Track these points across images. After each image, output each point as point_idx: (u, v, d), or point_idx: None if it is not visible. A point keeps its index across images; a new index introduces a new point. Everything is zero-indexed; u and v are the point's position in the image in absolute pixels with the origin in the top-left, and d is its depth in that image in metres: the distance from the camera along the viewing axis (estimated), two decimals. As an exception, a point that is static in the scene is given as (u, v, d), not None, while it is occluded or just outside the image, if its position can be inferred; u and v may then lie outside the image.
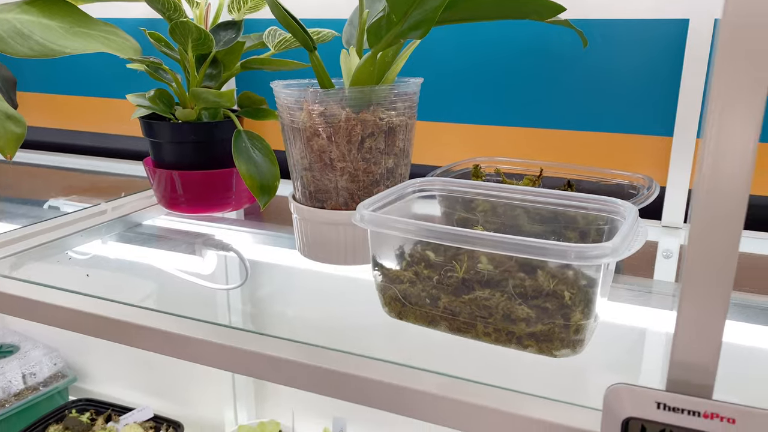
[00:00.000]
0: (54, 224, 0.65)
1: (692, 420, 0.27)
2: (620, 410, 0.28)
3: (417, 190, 0.50)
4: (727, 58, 0.24)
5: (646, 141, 0.65)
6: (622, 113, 0.66)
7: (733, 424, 0.26)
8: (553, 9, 0.48)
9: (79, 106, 0.99)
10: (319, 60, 0.51)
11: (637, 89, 0.64)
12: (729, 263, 0.27)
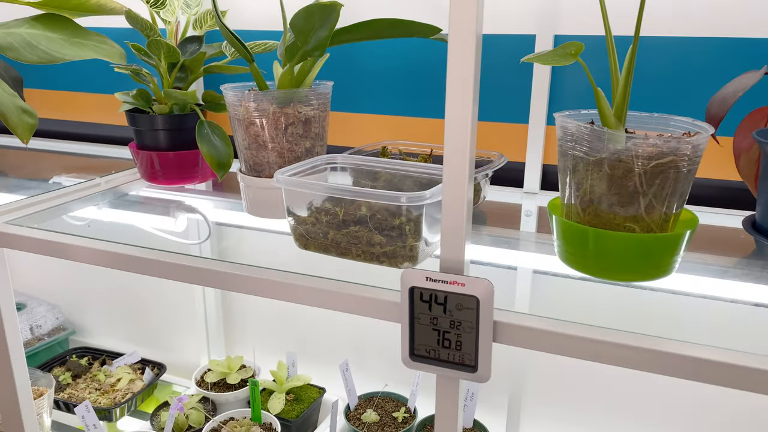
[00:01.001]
0: (60, 194, 0.84)
1: (443, 285, 0.48)
2: (407, 283, 0.49)
3: (325, 163, 0.70)
4: (453, 65, 0.45)
5: (511, 127, 0.86)
6: (492, 106, 0.86)
7: (463, 286, 0.47)
8: (432, 30, 0.68)
9: (76, 101, 1.18)
10: (255, 68, 0.71)
11: (501, 87, 0.85)
12: (461, 203, 0.47)
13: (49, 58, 0.84)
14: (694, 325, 0.56)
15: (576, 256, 0.57)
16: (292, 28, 0.62)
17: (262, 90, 0.71)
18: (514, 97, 0.84)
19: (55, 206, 0.81)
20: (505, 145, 0.86)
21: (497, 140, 0.87)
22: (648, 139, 0.52)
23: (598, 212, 0.55)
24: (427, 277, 0.48)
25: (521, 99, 0.84)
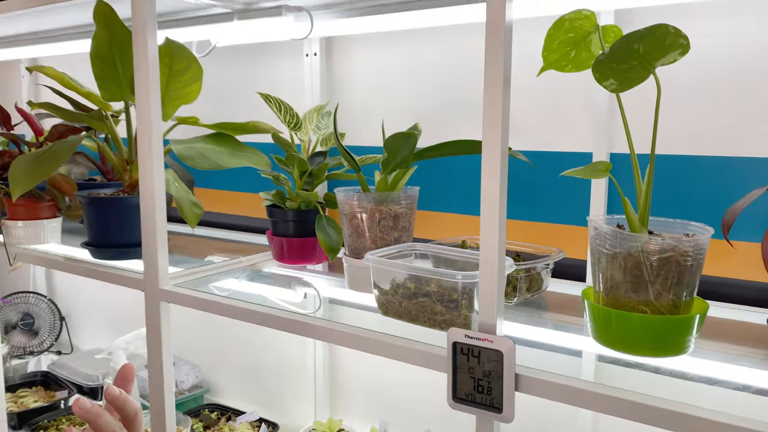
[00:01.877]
0: (211, 268, 1.10)
1: (478, 342, 0.62)
2: (451, 338, 0.64)
3: (409, 249, 0.88)
4: (485, 178, 0.62)
5: (576, 229, 0.99)
6: (559, 210, 1.00)
7: (492, 343, 0.61)
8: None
9: (231, 198, 1.49)
10: (361, 176, 0.93)
11: (567, 196, 0.99)
12: (494, 281, 0.62)
13: (216, 165, 1.12)
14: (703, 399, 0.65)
15: (602, 333, 0.69)
16: (384, 148, 0.83)
17: (364, 192, 0.92)
18: (578, 204, 0.99)
19: (208, 276, 1.06)
20: (570, 245, 0.99)
21: (563, 239, 1.00)
22: (652, 237, 0.64)
23: (617, 297, 0.67)
24: (465, 334, 0.63)
25: (584, 205, 0.98)
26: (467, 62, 1.10)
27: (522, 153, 0.92)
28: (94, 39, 0.99)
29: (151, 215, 0.94)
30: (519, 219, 1.06)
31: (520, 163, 1.01)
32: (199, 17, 1.12)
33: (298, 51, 1.25)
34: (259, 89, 1.22)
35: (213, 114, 1.25)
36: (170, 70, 1.02)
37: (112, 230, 1.09)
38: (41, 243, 1.26)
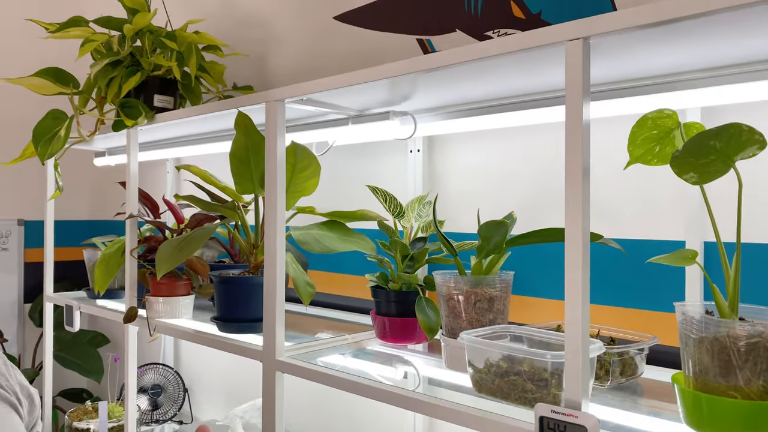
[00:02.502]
0: (320, 344, 1.20)
1: (563, 417, 0.66)
2: (538, 413, 0.68)
3: (503, 331, 0.93)
4: (569, 264, 0.68)
5: (666, 315, 1.00)
6: (657, 298, 1.02)
7: (576, 418, 0.65)
8: (596, 236, 0.92)
9: (338, 279, 1.61)
10: (458, 261, 1.01)
11: (662, 284, 1.01)
12: (578, 361, 0.67)
13: (328, 249, 1.24)
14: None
15: (693, 417, 0.70)
16: (478, 235, 0.91)
17: (461, 275, 0.99)
18: (674, 291, 1.00)
19: (317, 350, 1.16)
20: (669, 332, 1.00)
21: (662, 326, 1.01)
22: (739, 323, 0.67)
23: (707, 381, 0.69)
24: (552, 410, 0.67)
25: (680, 292, 0.99)
26: (555, 156, 1.17)
27: (615, 241, 0.96)
28: (234, 143, 1.18)
29: (272, 293, 1.06)
30: (614, 305, 1.08)
31: (613, 250, 1.04)
32: (318, 122, 1.29)
33: (402, 148, 1.39)
34: (367, 181, 1.35)
35: (327, 203, 1.40)
36: (294, 168, 1.18)
37: (238, 306, 1.24)
38: (176, 317, 1.43)
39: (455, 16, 1.30)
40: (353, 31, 1.51)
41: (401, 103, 1.13)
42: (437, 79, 0.95)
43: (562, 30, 0.69)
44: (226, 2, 1.85)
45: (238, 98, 1.16)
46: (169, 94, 1.54)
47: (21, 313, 2.50)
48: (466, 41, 1.29)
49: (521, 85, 0.98)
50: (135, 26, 1.44)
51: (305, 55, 1.64)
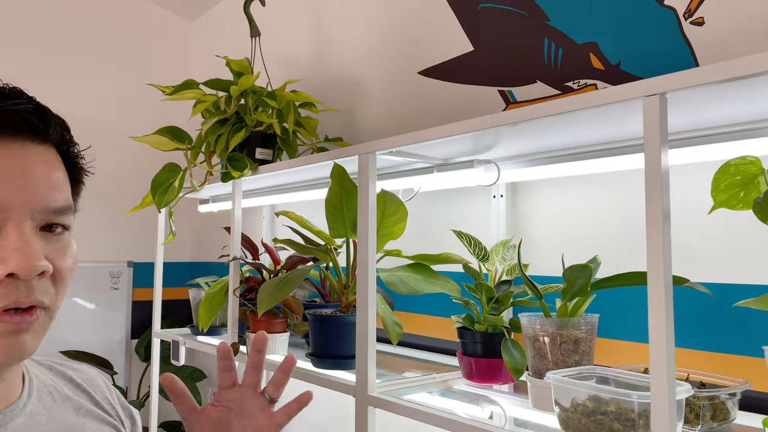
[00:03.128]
0: (409, 382, 1.25)
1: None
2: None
3: (589, 372, 0.95)
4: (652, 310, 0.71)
5: None
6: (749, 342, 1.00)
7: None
8: (681, 280, 0.94)
9: (424, 321, 1.66)
10: (543, 303, 1.04)
11: (756, 329, 1.00)
12: (664, 402, 0.69)
13: (414, 291, 1.30)
14: None
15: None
16: (563, 278, 0.95)
17: (546, 317, 1.03)
18: (765, 335, 0.98)
19: (405, 388, 1.22)
20: (762, 377, 0.98)
21: (756, 371, 0.99)
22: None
23: (801, 425, 0.69)
24: (639, 448, 0.70)
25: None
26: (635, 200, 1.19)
27: (704, 285, 0.97)
28: (329, 191, 1.28)
29: (365, 332, 1.14)
30: (704, 350, 1.07)
31: (702, 295, 1.05)
32: (405, 171, 1.37)
33: (486, 193, 1.45)
34: (451, 225, 1.42)
35: (412, 246, 1.47)
36: (383, 213, 1.27)
37: (331, 343, 1.32)
38: (273, 353, 1.53)
39: (535, 68, 1.37)
40: (436, 84, 1.60)
41: (485, 152, 1.20)
42: (520, 131, 1.01)
43: (639, 87, 0.74)
44: (319, 63, 2.01)
45: (334, 151, 1.27)
46: (269, 147, 1.68)
47: (128, 348, 2.71)
48: (547, 91, 1.35)
49: (601, 134, 1.02)
50: (240, 87, 1.60)
51: (391, 107, 1.75)
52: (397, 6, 1.74)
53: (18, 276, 0.56)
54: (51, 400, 0.70)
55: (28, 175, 0.58)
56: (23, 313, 0.57)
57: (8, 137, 0.58)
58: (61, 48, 2.57)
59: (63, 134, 0.63)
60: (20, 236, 0.56)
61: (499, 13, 1.44)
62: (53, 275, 0.59)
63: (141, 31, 2.79)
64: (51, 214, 0.60)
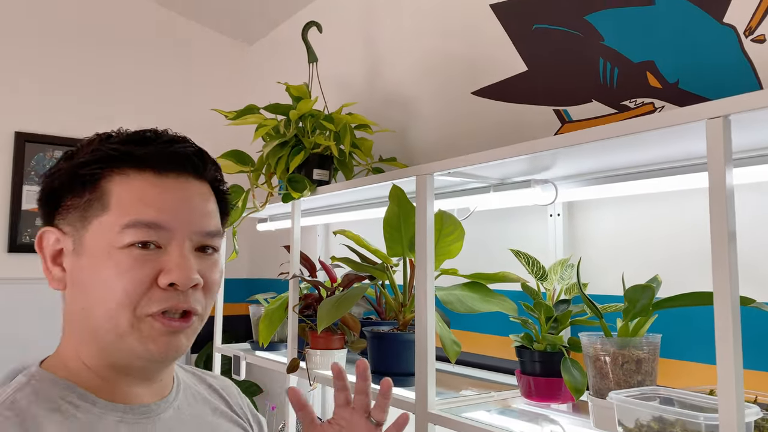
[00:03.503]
0: (467, 400, 1.26)
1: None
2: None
3: (652, 393, 0.95)
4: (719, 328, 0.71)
5: None
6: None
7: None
8: (748, 300, 0.92)
9: (480, 339, 1.67)
10: (603, 323, 1.04)
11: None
12: (733, 424, 0.69)
13: (470, 309, 1.32)
14: None
15: None
16: (625, 298, 0.95)
17: (607, 337, 1.03)
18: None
19: (463, 406, 1.23)
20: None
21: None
22: None
23: None
24: (708, 470, 0.69)
25: None
26: (696, 220, 1.18)
27: (770, 305, 0.96)
28: (388, 211, 1.32)
29: (424, 349, 1.16)
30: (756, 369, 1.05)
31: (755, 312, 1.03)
32: (461, 191, 1.40)
33: (542, 212, 1.45)
34: (507, 245, 1.43)
35: (467, 265, 1.48)
36: (440, 233, 1.29)
37: (390, 360, 1.35)
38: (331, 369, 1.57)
39: (591, 87, 1.37)
40: (490, 104, 1.63)
41: (542, 172, 1.21)
42: (578, 151, 1.03)
43: (702, 109, 0.75)
44: (373, 85, 2.06)
45: (392, 172, 1.31)
46: (326, 168, 1.74)
47: (188, 362, 2.81)
48: (602, 110, 1.35)
49: (660, 153, 1.02)
50: (299, 111, 1.66)
51: (444, 127, 1.78)
52: (450, 28, 1.77)
53: (177, 286, 0.68)
54: (193, 400, 0.81)
55: (189, 205, 0.71)
56: (180, 319, 0.69)
57: (175, 173, 0.72)
58: (128, 77, 2.72)
59: (216, 173, 0.77)
60: (181, 254, 0.69)
61: (553, 34, 1.46)
62: (204, 287, 0.71)
63: (201, 56, 2.92)
64: (205, 237, 0.72)
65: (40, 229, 0.73)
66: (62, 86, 2.56)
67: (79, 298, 0.70)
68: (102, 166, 0.70)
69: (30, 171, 2.47)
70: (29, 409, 0.65)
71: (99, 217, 0.69)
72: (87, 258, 0.69)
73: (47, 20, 2.55)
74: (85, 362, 0.71)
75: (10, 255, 2.41)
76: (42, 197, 0.75)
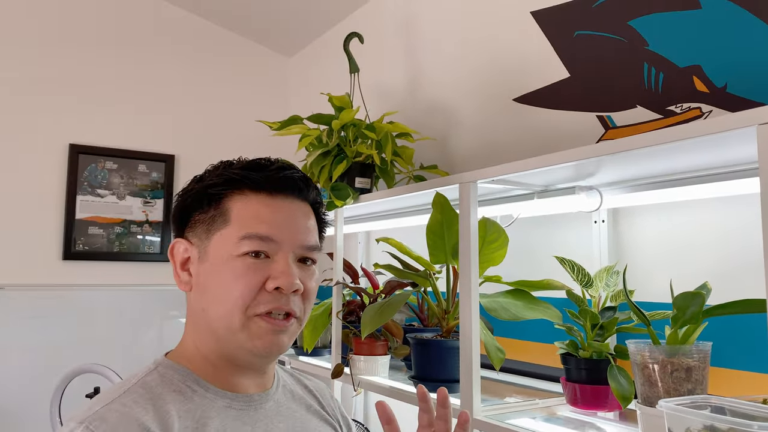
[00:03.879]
0: (509, 406, 1.26)
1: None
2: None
3: (703, 401, 0.93)
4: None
5: None
6: None
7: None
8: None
9: (523, 347, 1.67)
10: (651, 330, 1.03)
11: None
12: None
13: (514, 317, 1.32)
14: None
15: None
16: (673, 304, 0.94)
17: (655, 344, 1.02)
18: None
19: (508, 413, 1.23)
20: None
21: None
22: None
23: None
24: None
25: None
26: (745, 226, 1.16)
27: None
28: (431, 219, 1.33)
29: (469, 355, 1.17)
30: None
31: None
32: (504, 197, 1.40)
33: (586, 219, 1.45)
34: (550, 252, 1.42)
35: (510, 272, 1.48)
36: (484, 240, 1.30)
37: (434, 367, 1.36)
38: (375, 375, 1.59)
39: (635, 92, 1.37)
40: (531, 111, 1.63)
41: (586, 179, 1.21)
42: (624, 158, 1.02)
43: (753, 115, 0.74)
44: (414, 94, 2.08)
45: (435, 180, 1.32)
46: (367, 176, 1.77)
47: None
48: (648, 116, 1.34)
49: (707, 159, 1.01)
50: (341, 121, 1.70)
51: (485, 134, 1.79)
52: (490, 35, 1.78)
53: (282, 290, 0.79)
54: (290, 396, 0.92)
55: (294, 222, 0.84)
56: (283, 320, 0.80)
57: (283, 195, 0.84)
58: (172, 90, 2.81)
59: (316, 196, 0.89)
60: (285, 263, 0.81)
61: (596, 40, 1.46)
62: (303, 293, 0.83)
63: (243, 68, 2.99)
64: (305, 250, 0.84)
65: (173, 241, 0.87)
66: (112, 100, 2.66)
67: (201, 299, 0.82)
68: (225, 188, 0.83)
69: (83, 181, 2.57)
70: (156, 388, 0.78)
71: (221, 230, 0.82)
72: (209, 264, 0.81)
73: (97, 38, 2.66)
74: (203, 354, 0.83)
75: (65, 262, 2.51)
76: (175, 213, 0.88)
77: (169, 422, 0.74)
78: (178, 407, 0.77)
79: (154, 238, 2.70)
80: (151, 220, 2.70)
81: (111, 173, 2.63)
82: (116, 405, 0.73)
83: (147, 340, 2.63)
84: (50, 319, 2.43)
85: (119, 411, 0.72)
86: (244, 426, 0.81)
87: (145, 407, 0.74)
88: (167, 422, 0.74)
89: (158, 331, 2.67)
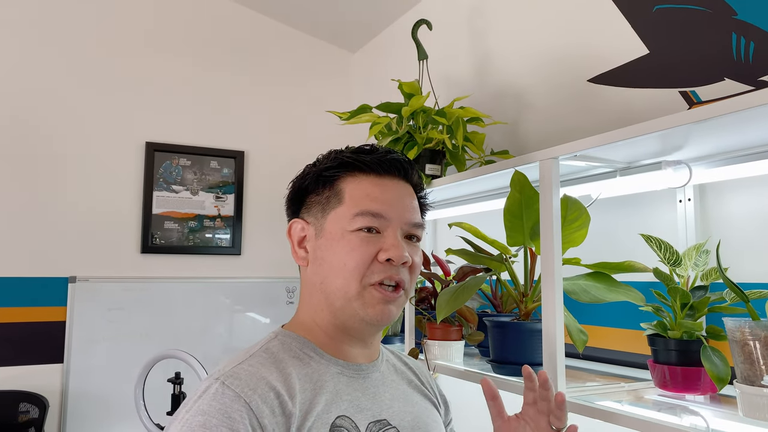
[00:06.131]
0: (595, 388, 1.23)
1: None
2: None
3: (812, 380, 0.88)
4: None
5: None
6: None
7: None
8: None
9: (604, 333, 1.62)
10: (750, 307, 0.98)
11: None
12: None
13: (596, 299, 1.28)
14: None
15: None
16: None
17: (755, 321, 0.97)
18: None
19: (592, 395, 1.20)
20: None
21: None
22: None
23: None
24: None
25: None
26: None
27: None
28: (508, 199, 1.32)
29: (552, 337, 1.15)
30: None
31: None
32: (584, 177, 1.37)
33: (671, 197, 1.39)
34: (630, 233, 1.38)
35: (590, 254, 1.45)
36: (564, 220, 1.27)
37: (512, 350, 1.34)
38: (449, 360, 1.58)
39: (722, 65, 1.31)
40: (608, 91, 1.58)
41: (672, 153, 1.17)
42: (714, 127, 0.98)
43: None
44: (483, 79, 2.06)
45: (514, 158, 1.31)
46: (437, 163, 1.76)
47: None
48: (737, 88, 1.28)
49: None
50: (411, 108, 1.70)
51: (558, 117, 1.75)
52: (562, 15, 1.75)
53: (393, 261, 0.86)
54: (393, 370, 1.00)
55: (402, 201, 0.91)
56: (393, 291, 0.87)
57: (390, 176, 0.92)
58: (242, 88, 2.89)
59: (418, 179, 0.97)
60: (395, 237, 0.88)
61: (678, 13, 1.40)
62: (410, 267, 0.90)
63: (306, 65, 3.05)
64: (412, 227, 0.91)
65: (290, 221, 0.95)
66: (186, 99, 2.76)
67: (318, 271, 0.90)
68: (339, 171, 0.91)
69: (159, 178, 2.67)
70: (278, 354, 0.86)
71: (335, 209, 0.89)
72: (325, 240, 0.89)
73: (173, 43, 2.76)
74: (318, 324, 0.91)
75: (143, 255, 2.62)
76: (291, 195, 0.96)
77: (291, 383, 0.82)
78: (297, 371, 0.84)
79: (224, 233, 2.78)
80: (222, 214, 2.78)
81: (185, 169, 2.73)
82: (245, 366, 0.82)
83: (217, 330, 2.71)
84: (131, 309, 2.55)
85: (249, 371, 0.80)
86: (355, 392, 0.88)
87: (270, 369, 0.82)
88: (290, 383, 0.82)
89: (228, 322, 2.75)
